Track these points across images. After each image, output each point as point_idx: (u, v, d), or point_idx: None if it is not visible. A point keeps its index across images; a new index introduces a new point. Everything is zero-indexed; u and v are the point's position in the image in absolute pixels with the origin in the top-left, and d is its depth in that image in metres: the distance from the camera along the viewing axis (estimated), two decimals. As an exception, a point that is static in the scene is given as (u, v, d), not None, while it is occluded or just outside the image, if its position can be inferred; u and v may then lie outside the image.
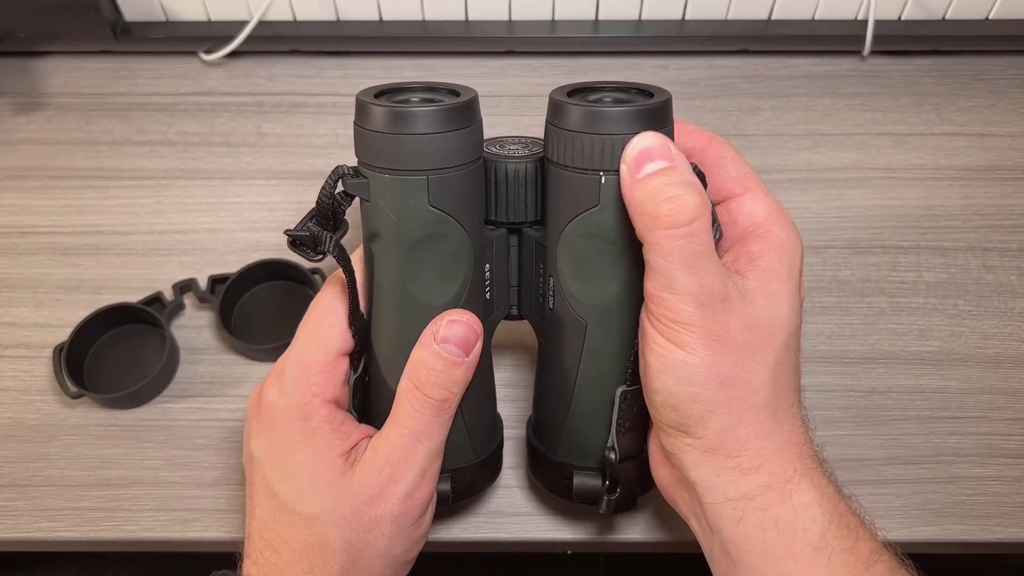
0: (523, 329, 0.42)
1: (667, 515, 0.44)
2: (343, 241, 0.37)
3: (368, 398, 0.40)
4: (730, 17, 0.59)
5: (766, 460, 0.34)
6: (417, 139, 0.34)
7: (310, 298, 0.50)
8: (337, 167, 0.36)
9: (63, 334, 0.48)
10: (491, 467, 0.42)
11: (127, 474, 0.46)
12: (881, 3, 0.58)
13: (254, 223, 0.54)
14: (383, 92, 0.36)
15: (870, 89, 0.60)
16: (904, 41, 0.60)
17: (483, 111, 0.36)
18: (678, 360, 0.34)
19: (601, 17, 0.59)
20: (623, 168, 0.34)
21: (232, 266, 0.51)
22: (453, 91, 0.36)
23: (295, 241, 0.36)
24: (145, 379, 0.46)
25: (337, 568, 0.35)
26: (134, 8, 0.59)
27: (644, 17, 0.59)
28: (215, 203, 0.55)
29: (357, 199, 0.36)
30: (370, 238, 0.37)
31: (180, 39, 0.60)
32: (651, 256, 0.33)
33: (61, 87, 0.61)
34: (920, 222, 0.54)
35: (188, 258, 0.53)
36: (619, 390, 0.38)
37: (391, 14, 0.59)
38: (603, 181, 0.34)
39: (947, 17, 0.59)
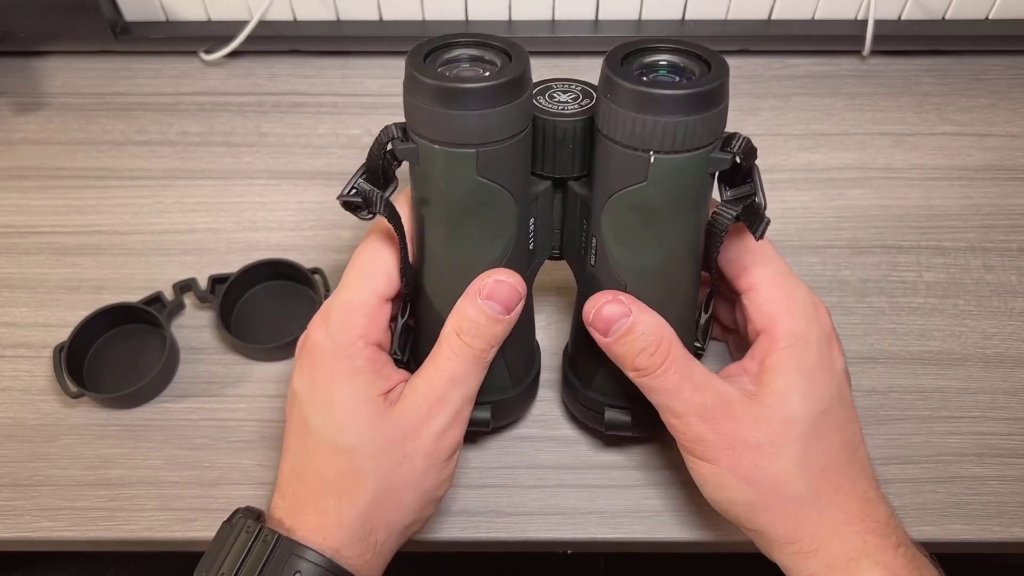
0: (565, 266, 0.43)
1: (667, 515, 0.44)
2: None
3: (416, 341, 0.42)
4: (730, 17, 0.59)
5: (822, 544, 0.36)
6: (467, 116, 0.33)
7: (310, 298, 0.50)
8: (387, 128, 0.36)
9: (63, 334, 0.48)
10: (527, 396, 0.45)
11: (127, 474, 0.46)
12: (881, 3, 0.58)
13: (254, 223, 0.54)
14: (432, 51, 0.36)
15: (870, 89, 0.60)
16: (904, 41, 0.60)
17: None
18: (708, 472, 0.37)
19: (601, 17, 0.59)
20: (593, 332, 0.38)
21: (232, 266, 0.51)
22: (505, 51, 0.36)
23: (348, 203, 0.37)
24: (145, 379, 0.46)
25: (368, 498, 0.36)
26: (134, 8, 0.59)
27: (644, 17, 0.59)
28: (215, 203, 0.55)
29: None
30: (418, 198, 0.37)
31: (180, 39, 0.60)
32: (648, 395, 0.38)
33: (61, 87, 0.61)
34: (920, 222, 0.54)
35: (188, 258, 0.53)
36: None
37: (391, 14, 0.59)
38: (652, 160, 0.34)
39: (947, 17, 0.59)
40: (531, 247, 0.40)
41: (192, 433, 0.47)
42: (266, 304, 0.51)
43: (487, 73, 0.35)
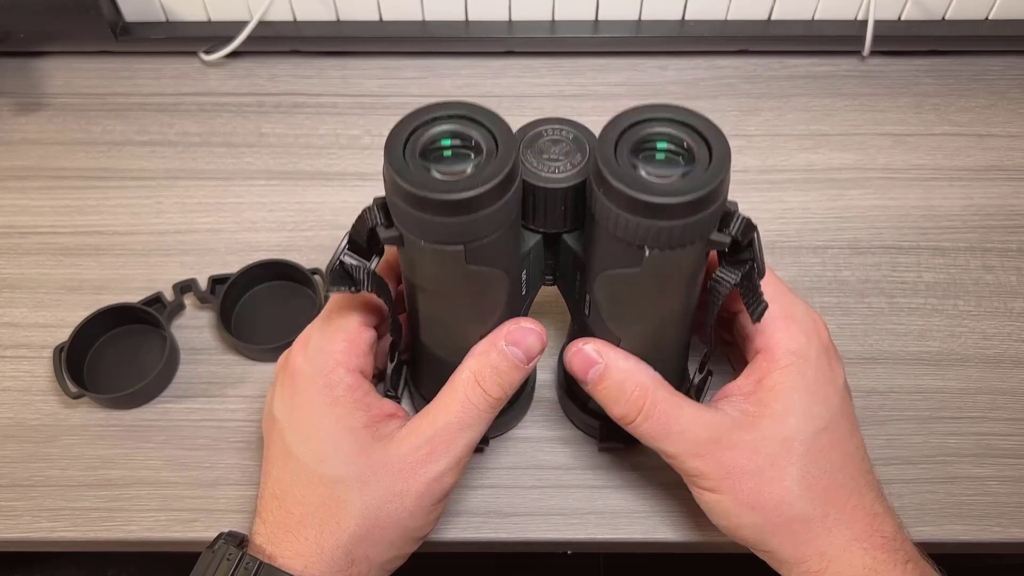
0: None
1: (667, 515, 0.44)
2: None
3: (415, 377, 0.43)
4: (730, 17, 0.59)
5: (831, 562, 0.36)
6: (452, 223, 0.31)
7: (310, 298, 0.50)
8: (370, 209, 0.34)
9: (63, 334, 0.48)
10: (523, 408, 0.46)
11: (127, 474, 0.46)
12: (881, 3, 0.58)
13: (254, 223, 0.54)
14: (412, 132, 0.33)
15: (870, 89, 0.60)
16: (904, 41, 0.60)
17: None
18: (711, 501, 0.37)
19: (601, 17, 0.59)
20: (574, 376, 0.39)
21: (232, 266, 0.51)
22: (489, 128, 0.33)
23: (333, 280, 0.35)
24: (145, 379, 0.46)
25: (350, 531, 0.36)
26: (134, 8, 0.59)
27: (644, 17, 0.59)
28: (215, 203, 0.55)
29: None
30: (406, 273, 0.37)
31: (180, 39, 0.60)
32: (640, 440, 0.38)
33: (61, 87, 0.61)
34: (920, 222, 0.54)
35: (188, 258, 0.53)
36: None
37: (391, 14, 0.59)
38: (648, 253, 0.33)
39: (947, 17, 0.59)
40: (524, 292, 0.39)
41: (192, 433, 0.47)
42: (266, 304, 0.51)
43: (470, 168, 0.33)
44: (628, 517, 0.44)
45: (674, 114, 0.33)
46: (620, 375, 0.37)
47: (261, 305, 0.51)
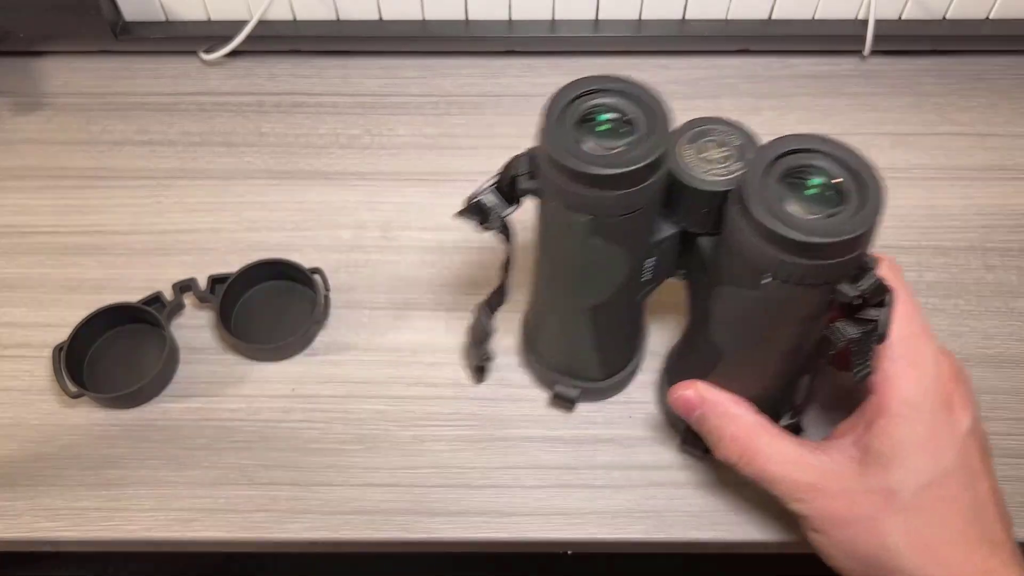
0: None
1: (667, 515, 0.44)
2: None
3: (533, 334, 0.46)
4: (730, 17, 0.59)
5: None
6: (582, 192, 0.33)
7: (310, 298, 0.50)
8: (518, 158, 0.35)
9: (63, 334, 0.48)
10: (615, 387, 0.47)
11: (127, 474, 0.45)
12: (881, 3, 0.58)
13: (254, 223, 0.54)
14: (578, 97, 0.34)
15: (871, 89, 0.60)
16: (904, 41, 0.60)
17: (483, 111, 0.36)
18: (813, 539, 0.38)
19: (601, 17, 0.59)
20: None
21: (232, 266, 0.51)
22: (652, 115, 0.33)
23: (466, 209, 0.36)
24: (145, 379, 0.46)
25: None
26: (134, 8, 0.59)
27: (644, 17, 0.59)
28: (215, 203, 0.55)
29: None
30: (539, 228, 0.37)
31: (180, 39, 0.60)
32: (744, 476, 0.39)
33: (61, 87, 0.61)
34: (921, 222, 0.54)
35: (188, 258, 0.53)
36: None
37: (391, 14, 0.59)
38: (764, 281, 0.32)
39: (947, 17, 0.59)
40: (645, 279, 0.39)
41: (192, 433, 0.47)
42: (266, 304, 0.51)
43: (621, 147, 0.33)
44: (628, 517, 0.44)
45: (835, 150, 0.33)
46: (719, 422, 0.38)
47: (261, 305, 0.51)
